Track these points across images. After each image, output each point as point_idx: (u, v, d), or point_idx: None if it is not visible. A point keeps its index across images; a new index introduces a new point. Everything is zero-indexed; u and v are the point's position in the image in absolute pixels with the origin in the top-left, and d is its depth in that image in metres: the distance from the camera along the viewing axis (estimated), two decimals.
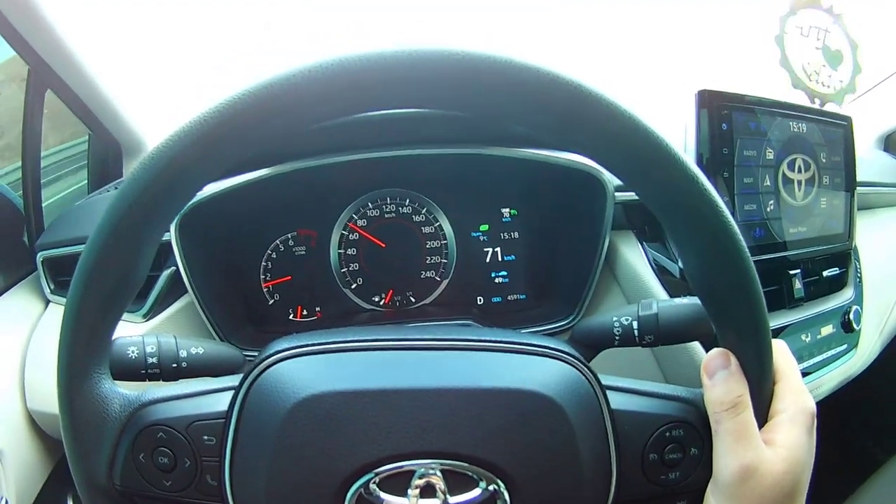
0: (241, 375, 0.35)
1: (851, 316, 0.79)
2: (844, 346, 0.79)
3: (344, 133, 0.61)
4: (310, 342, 0.35)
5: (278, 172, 0.61)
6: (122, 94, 0.74)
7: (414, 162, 0.65)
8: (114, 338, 0.35)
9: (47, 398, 0.33)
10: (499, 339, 0.36)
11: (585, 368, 0.36)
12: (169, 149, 0.29)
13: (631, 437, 0.35)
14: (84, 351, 0.33)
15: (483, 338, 0.36)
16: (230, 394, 0.34)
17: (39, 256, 0.68)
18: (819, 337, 0.76)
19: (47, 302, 0.69)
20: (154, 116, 0.78)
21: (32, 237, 0.73)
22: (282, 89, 0.28)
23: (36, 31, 0.63)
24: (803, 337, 0.74)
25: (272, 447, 0.32)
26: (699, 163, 0.66)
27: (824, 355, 0.76)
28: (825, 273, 0.78)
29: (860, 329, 0.81)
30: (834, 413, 1.04)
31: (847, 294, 0.81)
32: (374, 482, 0.32)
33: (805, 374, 0.74)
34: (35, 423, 0.65)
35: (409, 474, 0.32)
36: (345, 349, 0.35)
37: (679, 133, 0.69)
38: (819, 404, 0.74)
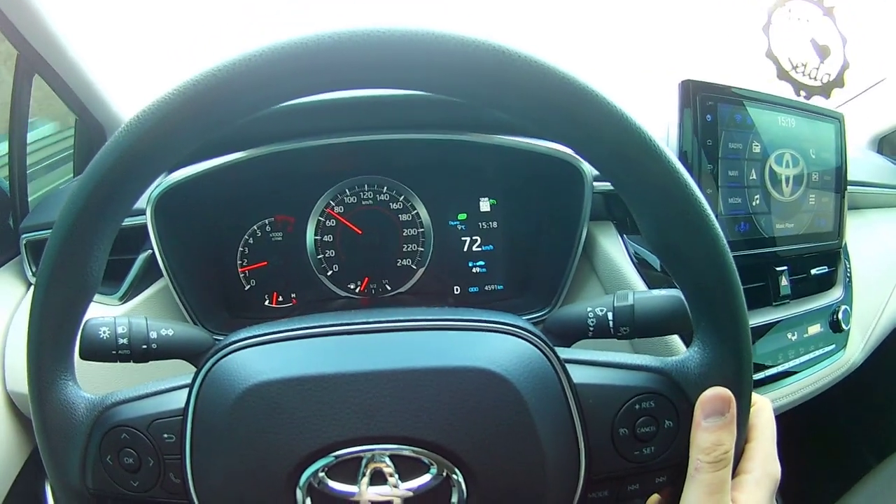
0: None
1: (840, 315, 0.77)
2: (832, 346, 0.78)
3: (321, 117, 0.61)
4: (258, 333, 0.35)
5: (255, 156, 0.60)
6: (106, 79, 0.75)
7: (392, 148, 0.65)
8: (86, 319, 0.35)
9: (26, 380, 0.34)
10: (446, 317, 0.35)
11: (540, 342, 0.34)
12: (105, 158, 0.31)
13: (597, 411, 0.34)
14: (50, 358, 0.33)
15: (430, 317, 0.35)
16: (187, 391, 0.34)
17: (23, 239, 0.69)
18: (806, 336, 0.75)
19: (30, 285, 0.70)
20: (138, 100, 0.78)
21: (17, 220, 0.73)
22: (214, 81, 0.28)
23: (22, 15, 0.63)
24: (789, 335, 0.73)
25: (224, 440, 0.32)
26: (681, 155, 0.65)
27: (811, 354, 0.75)
28: (813, 271, 0.77)
29: (849, 329, 0.79)
30: (826, 416, 1.03)
31: (836, 293, 0.79)
32: (323, 471, 0.31)
33: (790, 373, 0.72)
34: (14, 406, 0.65)
35: (359, 461, 0.31)
36: (292, 337, 0.34)
37: (661, 124, 0.68)
38: (809, 406, 0.74)
